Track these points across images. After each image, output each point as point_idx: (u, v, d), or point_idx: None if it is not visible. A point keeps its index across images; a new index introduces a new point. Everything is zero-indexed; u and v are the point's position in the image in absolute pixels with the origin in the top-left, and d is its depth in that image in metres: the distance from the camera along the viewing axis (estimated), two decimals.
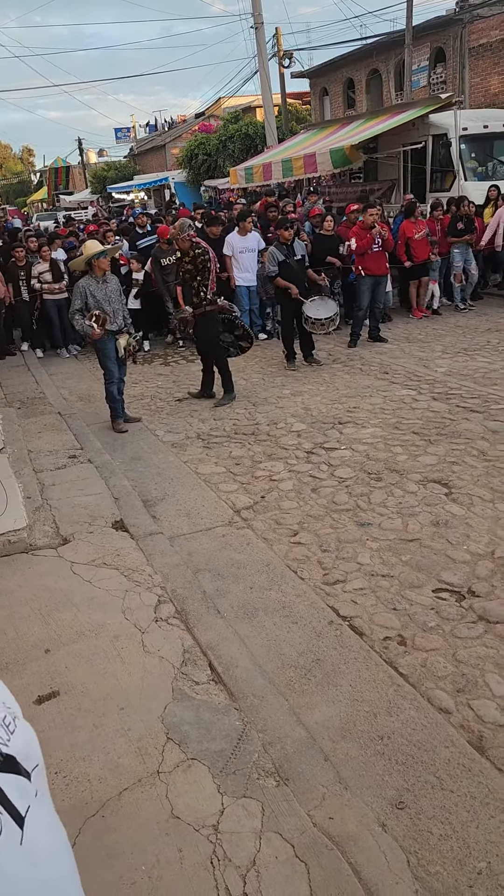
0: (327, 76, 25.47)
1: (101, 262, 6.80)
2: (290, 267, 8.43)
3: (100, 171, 40.88)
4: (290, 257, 8.46)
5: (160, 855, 2.40)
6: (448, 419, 6.44)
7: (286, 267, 8.42)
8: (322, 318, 8.44)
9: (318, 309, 8.50)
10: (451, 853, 2.37)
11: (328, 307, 8.58)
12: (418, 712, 3.00)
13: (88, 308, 6.72)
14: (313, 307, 8.48)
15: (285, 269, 8.42)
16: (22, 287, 10.80)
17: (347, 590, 3.98)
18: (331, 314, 8.49)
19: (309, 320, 8.46)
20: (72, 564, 4.45)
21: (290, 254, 8.48)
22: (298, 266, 8.54)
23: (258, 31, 19.97)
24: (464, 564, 4.11)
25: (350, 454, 5.87)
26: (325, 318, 8.45)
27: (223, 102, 29.96)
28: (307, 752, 2.82)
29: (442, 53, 19.71)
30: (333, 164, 13.62)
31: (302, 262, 8.65)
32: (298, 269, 8.52)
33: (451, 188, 12.66)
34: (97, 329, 6.66)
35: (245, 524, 4.86)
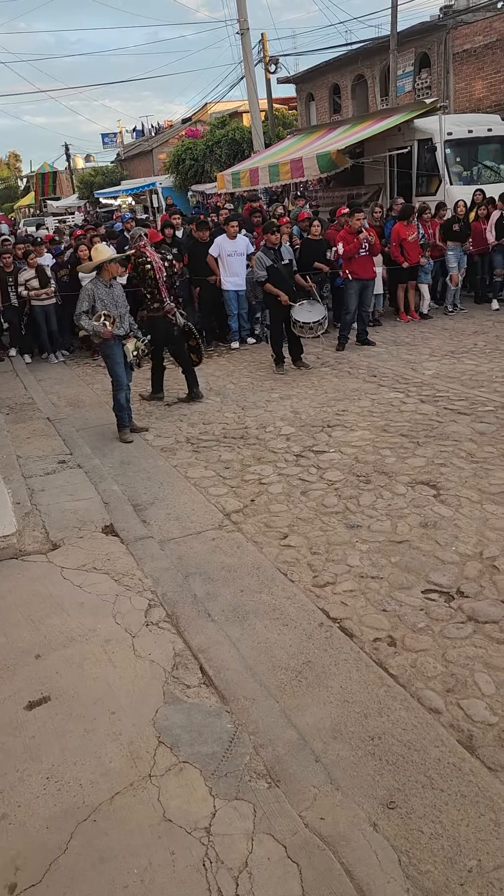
0: (313, 81, 25.60)
1: (111, 267, 6.77)
2: (278, 271, 8.47)
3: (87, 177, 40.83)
4: (278, 262, 8.50)
5: (152, 858, 2.41)
6: (436, 421, 6.48)
7: (274, 272, 8.46)
8: (310, 322, 8.49)
9: (307, 313, 8.54)
10: (442, 852, 2.38)
11: (316, 311, 8.62)
12: (408, 712, 3.01)
13: (95, 311, 6.69)
14: (302, 311, 8.52)
15: (273, 274, 8.46)
16: (10, 293, 10.77)
17: (337, 592, 4.00)
18: (319, 318, 8.53)
19: (297, 324, 8.51)
20: (62, 570, 4.44)
21: (278, 258, 8.52)
22: (286, 270, 8.58)
23: (244, 37, 20.04)
24: (452, 565, 4.13)
25: (339, 457, 5.90)
26: (313, 321, 8.49)
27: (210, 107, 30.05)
28: (298, 753, 2.83)
29: (426, 59, 19.86)
30: (320, 169, 13.68)
31: (289, 267, 8.69)
32: (286, 274, 8.56)
33: (436, 192, 12.75)
34: (109, 326, 6.62)
35: (235, 527, 4.88)
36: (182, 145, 27.38)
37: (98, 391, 8.91)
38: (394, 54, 18.19)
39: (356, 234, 9.14)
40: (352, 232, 9.20)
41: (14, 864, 2.42)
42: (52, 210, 39.21)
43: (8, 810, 2.66)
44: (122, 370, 6.90)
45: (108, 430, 7.21)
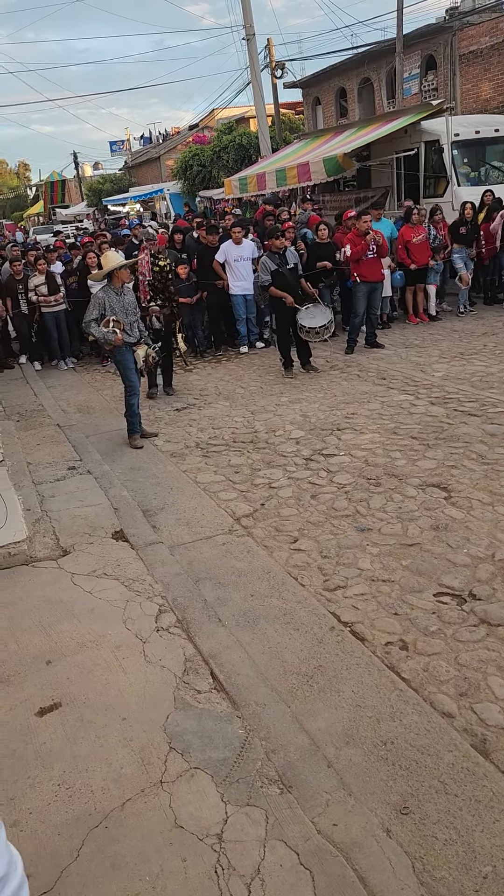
0: (319, 86, 25.63)
1: (121, 273, 6.76)
2: (283, 276, 8.47)
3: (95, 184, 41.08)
4: (283, 266, 8.49)
5: (164, 865, 2.39)
6: (446, 423, 6.45)
7: (279, 276, 8.46)
8: (316, 327, 8.47)
9: (312, 318, 8.53)
10: (457, 858, 2.36)
11: (322, 315, 8.61)
12: (421, 717, 2.99)
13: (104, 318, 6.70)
14: (307, 316, 8.52)
15: (278, 278, 8.46)
16: (21, 300, 10.84)
17: (348, 595, 3.97)
18: (325, 322, 8.51)
19: (303, 329, 8.50)
20: (72, 576, 4.44)
21: (283, 262, 8.52)
22: (291, 274, 8.57)
23: (250, 43, 20.09)
24: (464, 568, 4.10)
25: (349, 460, 5.88)
26: (318, 326, 8.47)
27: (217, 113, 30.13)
28: (310, 758, 2.81)
29: (433, 61, 19.84)
30: (327, 173, 13.68)
31: (295, 271, 8.68)
32: (291, 278, 8.55)
33: (444, 194, 12.71)
34: (119, 334, 6.64)
35: (245, 532, 4.86)
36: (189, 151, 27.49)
37: (107, 397, 8.93)
38: (400, 57, 18.18)
39: (363, 236, 9.12)
40: (359, 234, 9.18)
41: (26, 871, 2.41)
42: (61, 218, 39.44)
43: (19, 817, 2.65)
44: (135, 376, 6.91)
45: (117, 436, 7.22)
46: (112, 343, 6.70)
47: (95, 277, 7.70)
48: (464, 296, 11.05)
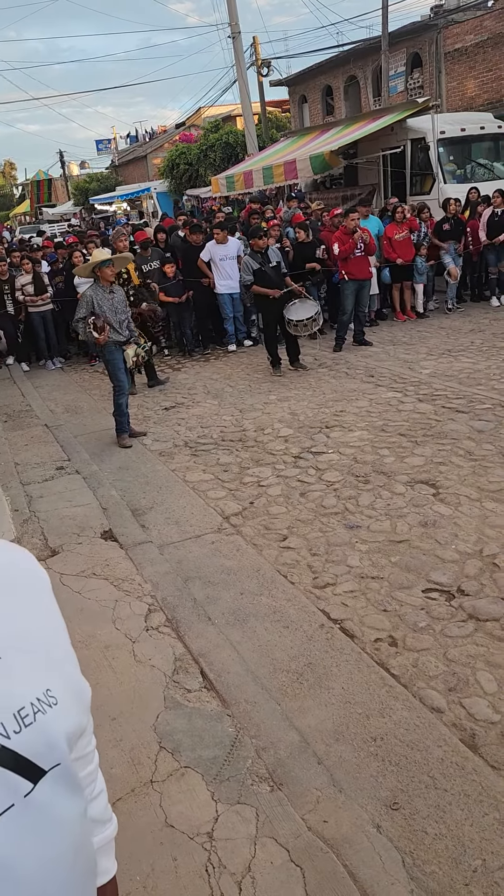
0: (305, 84, 25.65)
1: (106, 271, 6.69)
2: (266, 274, 8.46)
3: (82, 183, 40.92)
4: (265, 265, 8.48)
5: (155, 864, 2.39)
6: (434, 420, 6.47)
7: (261, 275, 8.46)
8: (304, 319, 8.46)
9: (299, 310, 8.53)
10: (447, 852, 2.37)
11: (308, 308, 8.60)
12: (411, 712, 3.00)
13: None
14: (294, 310, 8.52)
15: (261, 277, 8.46)
16: (7, 300, 10.78)
17: (338, 592, 3.98)
18: (312, 314, 8.50)
19: (291, 323, 8.49)
20: (61, 576, 4.43)
21: (265, 261, 8.51)
22: (274, 273, 8.55)
23: (235, 41, 20.08)
24: (453, 564, 4.12)
25: (337, 458, 5.89)
26: (306, 318, 8.47)
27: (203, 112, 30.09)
28: (301, 756, 2.82)
29: (418, 59, 19.89)
30: (314, 170, 13.70)
31: (278, 269, 8.65)
32: (274, 276, 8.53)
33: (430, 191, 12.76)
34: (99, 336, 6.59)
35: (234, 530, 4.86)
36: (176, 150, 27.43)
37: (96, 397, 8.90)
38: (385, 55, 18.23)
39: (351, 234, 9.14)
40: (347, 233, 9.19)
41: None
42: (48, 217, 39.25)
43: None
44: (123, 375, 6.89)
45: (105, 436, 7.20)
46: (96, 343, 6.69)
47: (80, 272, 7.65)
48: (452, 291, 11.07)
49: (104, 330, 6.58)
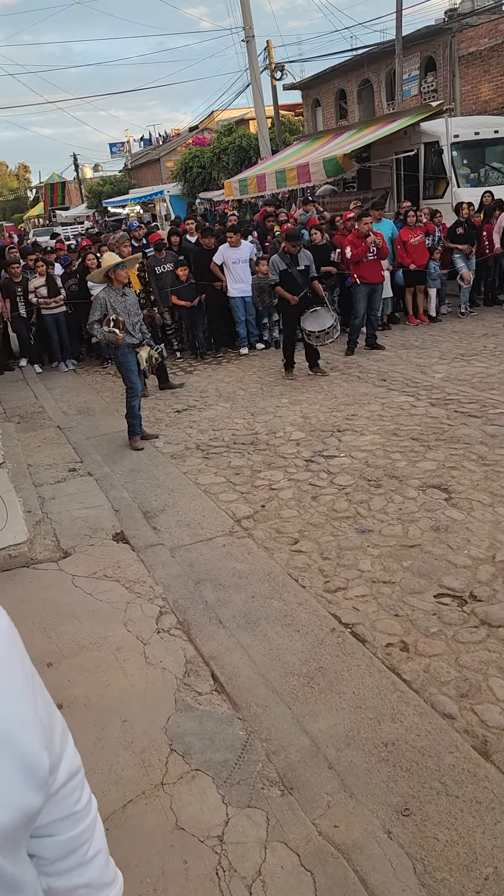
0: (319, 87, 25.65)
1: (119, 273, 6.72)
2: (292, 276, 8.38)
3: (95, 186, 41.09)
4: (293, 267, 8.41)
5: (165, 867, 2.39)
6: (446, 424, 6.45)
7: (287, 276, 8.39)
8: (316, 331, 8.41)
9: (314, 321, 8.46)
10: (458, 859, 2.35)
11: (323, 320, 8.51)
12: (422, 718, 2.99)
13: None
14: (311, 319, 8.46)
15: (286, 279, 8.40)
16: (19, 303, 10.85)
17: (349, 597, 3.97)
18: (325, 327, 8.41)
19: (305, 331, 8.45)
20: (73, 577, 4.44)
21: (293, 263, 8.41)
22: (301, 276, 8.46)
23: (249, 45, 20.11)
24: (465, 569, 4.10)
25: (349, 461, 5.88)
26: (319, 330, 8.40)
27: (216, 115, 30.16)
28: (311, 760, 2.81)
29: (432, 62, 19.86)
30: (327, 174, 13.71)
31: (306, 272, 8.55)
32: (300, 279, 8.45)
33: (444, 195, 12.73)
34: (119, 334, 6.64)
35: (245, 533, 4.86)
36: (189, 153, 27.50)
37: (108, 399, 8.94)
38: (399, 58, 18.20)
39: (364, 237, 9.12)
40: (359, 236, 9.18)
41: None
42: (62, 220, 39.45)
43: None
44: (136, 378, 6.91)
45: (117, 438, 7.23)
46: (113, 343, 6.70)
47: (94, 278, 7.71)
48: (465, 295, 11.04)
49: (123, 328, 6.61)
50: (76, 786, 1.06)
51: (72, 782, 1.05)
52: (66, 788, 1.04)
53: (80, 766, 1.08)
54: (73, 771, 1.06)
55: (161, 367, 8.57)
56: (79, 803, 1.06)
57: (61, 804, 1.02)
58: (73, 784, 1.06)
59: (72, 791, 1.05)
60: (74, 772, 1.06)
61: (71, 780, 1.05)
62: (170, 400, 8.55)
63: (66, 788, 1.04)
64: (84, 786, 1.08)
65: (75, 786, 1.06)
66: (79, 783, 1.07)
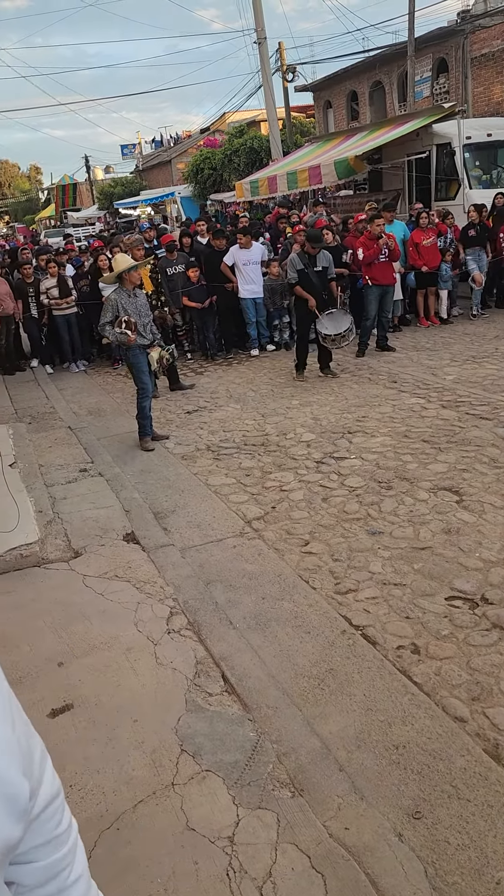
0: (331, 89, 25.64)
1: (132, 275, 6.77)
2: (308, 277, 8.33)
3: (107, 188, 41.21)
4: (310, 267, 8.36)
5: (176, 867, 2.39)
6: (457, 427, 6.43)
7: (304, 276, 8.34)
8: (332, 334, 8.35)
9: (330, 324, 8.39)
10: (469, 863, 2.34)
11: (340, 323, 8.43)
12: (433, 721, 2.98)
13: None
14: (327, 321, 8.38)
15: (303, 279, 8.36)
16: (31, 303, 10.90)
17: (360, 599, 3.97)
18: (341, 330, 8.34)
19: (321, 334, 8.40)
20: (84, 577, 4.46)
21: (311, 264, 8.37)
22: (318, 277, 8.41)
23: (261, 47, 20.13)
24: (476, 572, 4.09)
25: (360, 463, 5.87)
26: (334, 333, 8.34)
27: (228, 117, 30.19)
28: (322, 762, 2.81)
29: (444, 64, 19.80)
30: (338, 175, 13.69)
31: (324, 274, 8.50)
32: (317, 281, 8.41)
33: (455, 197, 12.69)
34: (132, 335, 6.66)
35: (256, 535, 4.86)
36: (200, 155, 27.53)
37: (118, 400, 8.96)
38: (411, 60, 18.17)
39: (376, 239, 9.10)
40: (371, 237, 9.16)
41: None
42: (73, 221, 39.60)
43: None
44: (147, 378, 6.93)
45: (128, 439, 7.24)
46: (125, 344, 6.72)
47: (107, 280, 7.74)
48: (477, 297, 11.00)
49: (134, 329, 6.63)
50: (56, 809, 1.02)
51: (51, 806, 1.01)
52: (46, 813, 1.00)
53: (59, 788, 1.04)
54: (53, 794, 1.02)
55: (172, 368, 8.57)
56: (59, 827, 1.02)
57: (41, 829, 0.99)
58: (53, 808, 1.02)
59: (52, 815, 1.01)
60: (55, 795, 1.02)
61: (51, 805, 1.01)
62: (180, 401, 8.56)
63: (45, 813, 1.00)
64: (64, 808, 1.04)
65: (55, 809, 1.02)
66: (59, 806, 1.03)
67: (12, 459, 6.52)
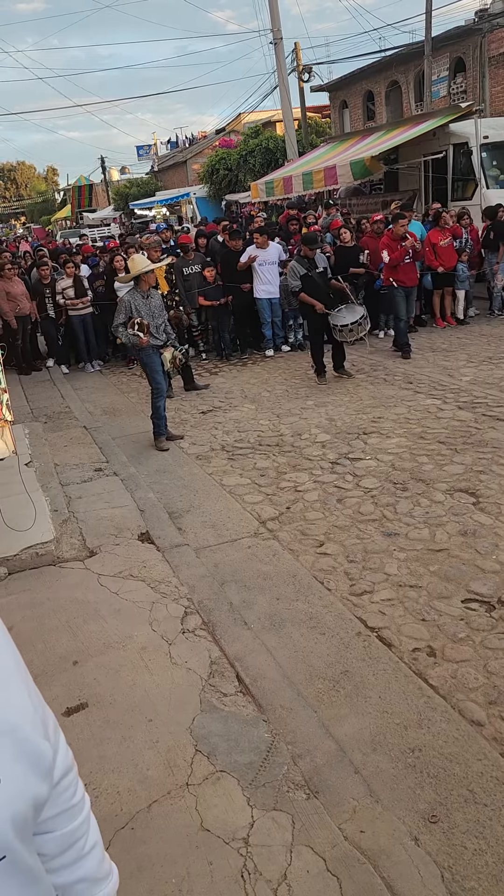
0: (347, 89, 25.58)
1: (148, 277, 6.79)
2: (313, 280, 8.36)
3: (122, 189, 41.34)
4: (312, 270, 8.41)
5: (190, 868, 2.39)
6: (474, 428, 6.38)
7: (308, 280, 8.35)
8: (349, 323, 8.28)
9: (345, 315, 8.37)
10: (487, 868, 2.32)
11: (354, 312, 8.41)
12: (449, 724, 2.95)
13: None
14: (339, 316, 8.36)
15: (307, 283, 8.37)
16: (47, 303, 10.95)
17: (375, 600, 3.94)
18: (357, 318, 8.29)
19: (336, 328, 8.35)
20: (99, 576, 4.47)
21: (312, 267, 8.42)
22: (320, 278, 8.47)
23: (277, 47, 20.12)
24: (493, 574, 4.05)
25: (375, 464, 5.84)
26: (351, 322, 8.27)
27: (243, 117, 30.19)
28: (337, 764, 2.79)
29: (462, 63, 19.70)
30: (354, 176, 13.65)
31: (324, 274, 8.57)
32: (321, 282, 8.46)
33: (472, 197, 12.62)
34: (144, 337, 6.68)
35: (271, 535, 4.85)
36: (216, 155, 27.55)
37: (133, 400, 8.98)
38: (428, 59, 18.08)
39: (400, 240, 8.95)
40: (395, 238, 9.00)
41: None
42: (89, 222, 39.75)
43: None
44: (161, 378, 6.93)
45: (143, 438, 7.25)
46: (138, 345, 6.74)
47: (123, 280, 7.76)
48: (497, 297, 10.92)
49: (147, 330, 6.65)
50: (71, 781, 1.09)
51: (67, 777, 1.09)
52: (63, 783, 1.07)
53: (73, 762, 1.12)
54: (68, 766, 1.10)
55: (186, 368, 8.57)
56: (74, 797, 1.09)
57: (58, 799, 1.05)
58: (69, 779, 1.09)
59: (67, 786, 1.08)
60: (70, 767, 1.10)
61: (67, 776, 1.09)
62: (195, 401, 8.56)
63: (62, 783, 1.07)
64: (78, 781, 1.12)
65: (70, 781, 1.09)
66: (73, 779, 1.11)
67: (28, 458, 6.55)
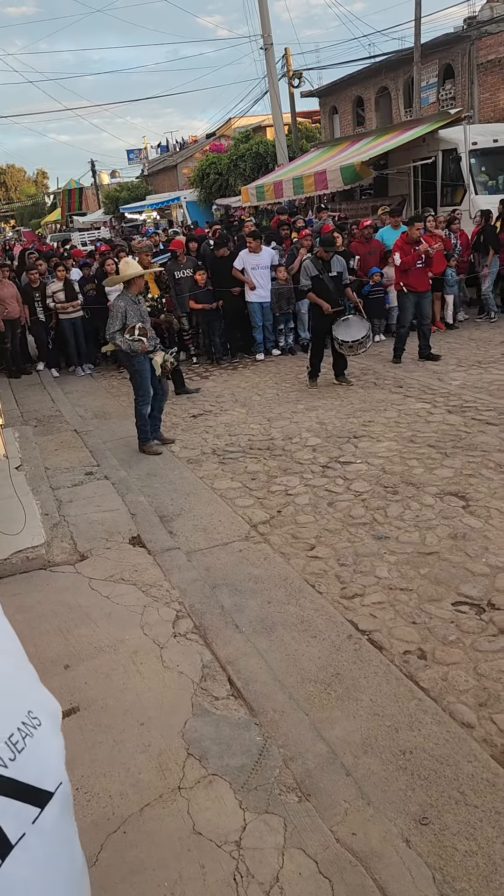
0: (337, 95, 25.71)
1: (139, 281, 6.79)
2: (323, 282, 8.21)
3: (112, 192, 41.32)
4: (325, 273, 8.22)
5: (182, 871, 2.39)
6: (464, 432, 6.42)
7: (318, 282, 8.23)
8: (349, 340, 8.19)
9: (347, 330, 8.24)
10: (477, 869, 2.33)
11: (357, 329, 8.26)
12: (440, 727, 2.97)
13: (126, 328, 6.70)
14: (344, 327, 8.24)
15: (317, 285, 8.24)
16: (37, 307, 10.93)
17: (366, 603, 3.96)
18: (359, 336, 8.17)
19: (337, 341, 8.28)
20: (90, 580, 4.46)
21: (326, 269, 8.23)
22: (333, 283, 8.27)
23: (268, 52, 20.19)
24: (483, 577, 4.08)
25: (366, 468, 5.87)
26: (352, 340, 8.18)
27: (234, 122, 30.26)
28: (329, 767, 2.80)
29: (451, 70, 19.85)
30: (344, 181, 13.71)
31: (338, 279, 8.34)
32: (332, 286, 8.27)
33: (461, 202, 12.70)
34: (146, 342, 6.63)
35: (262, 539, 4.86)
36: (206, 160, 27.60)
37: (124, 403, 8.95)
38: (417, 66, 18.21)
39: (414, 244, 8.81)
40: (408, 242, 8.86)
41: None
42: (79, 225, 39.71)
43: None
44: (149, 384, 6.90)
45: (133, 442, 7.24)
46: (138, 351, 6.66)
47: (111, 282, 7.75)
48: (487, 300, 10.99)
49: (147, 335, 6.63)
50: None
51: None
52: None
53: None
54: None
55: (177, 372, 8.56)
56: None
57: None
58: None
59: None
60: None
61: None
62: (186, 405, 8.57)
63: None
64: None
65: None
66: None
67: (18, 462, 6.53)
